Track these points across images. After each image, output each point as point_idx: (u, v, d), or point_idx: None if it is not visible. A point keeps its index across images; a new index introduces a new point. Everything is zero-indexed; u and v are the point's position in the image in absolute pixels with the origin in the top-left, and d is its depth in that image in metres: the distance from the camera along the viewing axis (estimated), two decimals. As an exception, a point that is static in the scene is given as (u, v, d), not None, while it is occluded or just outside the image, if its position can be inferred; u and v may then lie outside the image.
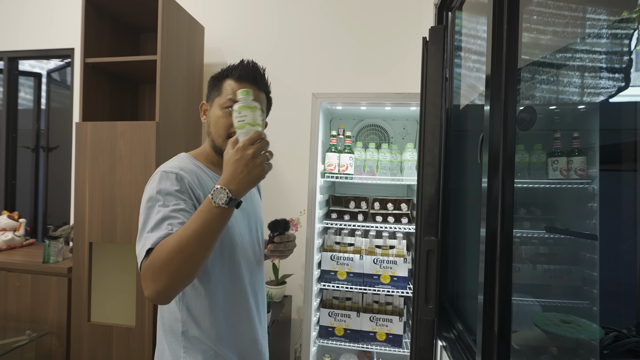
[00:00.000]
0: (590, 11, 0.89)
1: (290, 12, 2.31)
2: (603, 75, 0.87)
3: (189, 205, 0.82)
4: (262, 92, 0.96)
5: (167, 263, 0.70)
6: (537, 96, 1.12)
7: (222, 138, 0.91)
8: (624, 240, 0.86)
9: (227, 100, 0.90)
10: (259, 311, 1.01)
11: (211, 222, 0.71)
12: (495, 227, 0.88)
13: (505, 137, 0.90)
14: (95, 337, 1.84)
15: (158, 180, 0.83)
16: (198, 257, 0.72)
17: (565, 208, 1.19)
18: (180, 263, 0.70)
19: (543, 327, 0.96)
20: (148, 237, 0.75)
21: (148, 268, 0.72)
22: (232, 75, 0.93)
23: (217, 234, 0.73)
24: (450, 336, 1.30)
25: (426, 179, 0.83)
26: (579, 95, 1.01)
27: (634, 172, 0.81)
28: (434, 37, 0.83)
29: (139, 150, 1.78)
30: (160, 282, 0.71)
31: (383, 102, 1.79)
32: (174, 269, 0.70)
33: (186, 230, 0.72)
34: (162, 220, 0.77)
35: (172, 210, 0.78)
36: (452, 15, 1.69)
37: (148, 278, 0.72)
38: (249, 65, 0.93)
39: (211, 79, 0.97)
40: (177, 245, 0.70)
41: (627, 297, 0.84)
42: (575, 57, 0.95)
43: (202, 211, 0.72)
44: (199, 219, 0.72)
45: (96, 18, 1.99)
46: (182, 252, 0.70)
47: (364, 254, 1.91)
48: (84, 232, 1.84)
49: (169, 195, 0.80)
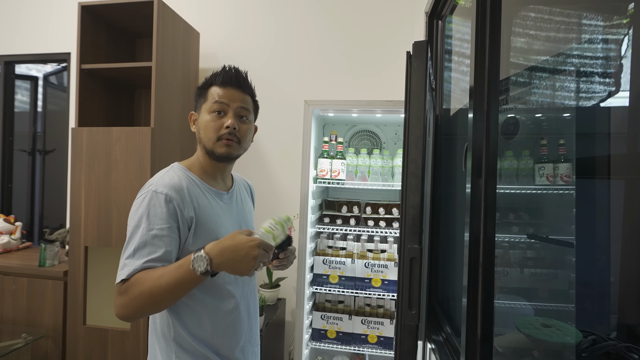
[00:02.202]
0: (580, 17, 0.91)
1: (287, 19, 2.34)
2: (594, 80, 0.89)
3: (173, 230, 0.85)
4: (247, 94, 0.99)
5: (136, 300, 0.79)
6: (523, 104, 1.15)
7: (213, 141, 0.94)
8: (602, 245, 0.89)
9: (213, 103, 0.94)
10: (250, 317, 1.03)
11: (185, 280, 0.79)
12: (479, 233, 0.91)
13: (488, 147, 0.93)
14: (90, 340, 1.86)
15: (148, 201, 0.85)
16: (165, 304, 0.82)
17: (551, 213, 1.23)
18: (148, 304, 0.80)
19: (525, 330, 0.98)
20: (126, 264, 0.82)
21: (121, 294, 0.80)
22: (216, 81, 0.96)
23: (187, 290, 0.81)
24: (439, 339, 1.34)
25: (410, 189, 0.86)
26: (566, 101, 1.04)
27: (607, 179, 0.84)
28: (417, 52, 0.87)
29: (135, 156, 1.80)
30: (128, 310, 0.80)
31: (374, 109, 1.83)
32: (141, 306, 0.80)
33: (160, 279, 0.79)
34: (143, 246, 0.82)
35: (154, 236, 0.83)
36: (442, 24, 1.74)
37: (119, 302, 0.81)
38: (231, 70, 0.97)
39: (197, 89, 1.01)
40: (148, 290, 0.78)
41: (606, 300, 0.87)
42: (564, 63, 0.98)
43: (179, 266, 0.79)
44: (174, 274, 0.79)
45: (92, 24, 2.01)
46: (152, 297, 0.79)
47: (356, 258, 1.94)
48: (80, 236, 1.86)
49: (155, 218, 0.84)
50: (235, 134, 0.94)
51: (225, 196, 1.00)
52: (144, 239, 0.82)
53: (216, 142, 0.93)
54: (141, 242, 0.82)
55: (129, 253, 0.82)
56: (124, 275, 0.80)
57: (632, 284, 0.77)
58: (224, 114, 0.94)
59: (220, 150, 0.93)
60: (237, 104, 0.95)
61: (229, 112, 0.94)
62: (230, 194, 1.03)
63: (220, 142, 0.93)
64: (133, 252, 0.82)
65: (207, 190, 0.96)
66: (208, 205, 0.93)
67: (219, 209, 0.96)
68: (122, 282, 0.81)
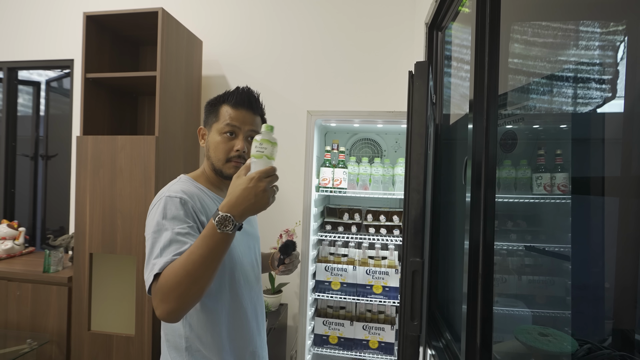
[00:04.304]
0: (577, 24, 0.93)
1: (290, 28, 2.36)
2: (591, 86, 0.90)
3: (194, 229, 0.86)
4: (258, 115, 1.01)
5: (176, 286, 0.75)
6: (522, 112, 1.17)
7: (222, 162, 0.96)
8: (597, 253, 0.92)
9: (225, 125, 0.96)
10: (258, 323, 1.06)
11: (216, 246, 0.76)
12: (478, 241, 0.95)
13: (487, 159, 0.97)
14: (95, 345, 1.88)
15: (163, 205, 0.87)
16: (205, 279, 0.77)
17: (549, 222, 1.26)
18: (188, 285, 0.75)
19: (522, 339, 1.01)
20: (155, 263, 0.80)
21: (157, 291, 0.77)
22: (229, 101, 0.98)
23: (222, 256, 0.78)
24: (439, 345, 1.37)
25: (412, 204, 0.89)
26: (564, 109, 1.06)
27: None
28: (419, 72, 0.90)
29: (139, 164, 1.83)
30: (171, 303, 0.75)
31: (375, 119, 1.86)
32: (183, 291, 0.75)
33: (192, 255, 0.76)
34: (168, 244, 0.81)
35: (177, 234, 0.83)
36: (442, 35, 1.77)
37: (158, 300, 0.77)
38: (244, 91, 0.99)
39: (207, 105, 1.02)
40: (184, 270, 0.75)
41: (602, 306, 0.90)
42: (562, 69, 1.00)
43: (207, 236, 0.76)
44: (204, 243, 0.76)
45: (97, 33, 2.04)
46: (190, 276, 0.75)
47: (357, 265, 1.97)
48: (85, 243, 1.88)
49: (175, 220, 0.85)
50: (244, 157, 0.96)
51: None
52: (168, 239, 0.82)
53: (225, 164, 0.96)
54: (166, 242, 0.81)
55: (157, 253, 0.81)
56: (156, 270, 0.78)
57: (627, 289, 0.80)
58: (235, 136, 0.96)
59: (229, 171, 0.96)
60: (247, 127, 0.97)
61: (239, 135, 0.96)
62: None
63: (230, 164, 0.96)
64: (160, 252, 0.81)
65: (215, 199, 0.99)
66: None
67: None
68: (155, 281, 0.78)
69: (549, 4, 1.08)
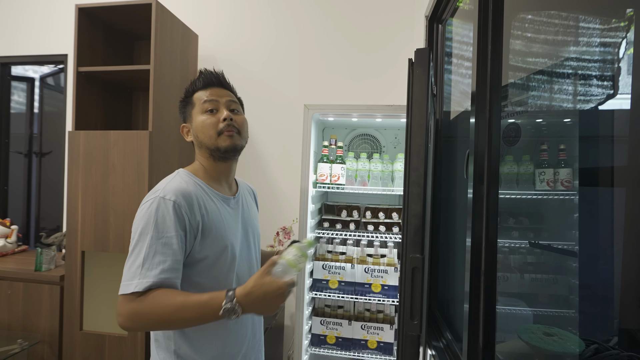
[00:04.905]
0: (579, 20, 0.91)
1: (285, 22, 2.33)
2: (592, 83, 0.89)
3: (181, 238, 0.84)
4: (229, 89, 1.01)
5: (150, 320, 0.78)
6: (524, 107, 1.14)
7: (214, 137, 0.94)
8: (603, 250, 0.88)
9: (203, 103, 0.95)
10: (254, 324, 1.02)
11: (209, 318, 0.79)
12: (481, 239, 0.91)
13: (490, 153, 0.93)
14: (87, 346, 1.84)
15: (156, 207, 0.83)
16: (178, 329, 0.84)
17: (552, 218, 1.22)
18: (160, 325, 0.81)
19: (526, 339, 0.97)
20: (137, 274, 0.79)
21: (131, 311, 0.78)
22: (198, 86, 0.98)
23: (207, 323, 0.81)
24: (440, 345, 1.33)
25: (412, 198, 0.85)
26: (566, 106, 1.03)
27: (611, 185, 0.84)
28: (419, 59, 0.86)
29: (132, 160, 1.79)
30: (135, 324, 0.79)
31: (374, 113, 1.82)
32: (152, 325, 0.80)
33: (182, 311, 0.77)
34: (153, 255, 0.80)
35: (164, 244, 0.81)
36: (442, 28, 1.73)
37: (125, 311, 0.78)
38: (208, 71, 0.99)
39: (180, 102, 1.02)
40: (167, 316, 0.77)
41: (608, 305, 0.87)
42: (564, 66, 0.97)
43: (207, 306, 0.78)
44: (200, 311, 0.78)
45: (89, 26, 1.99)
46: (169, 323, 0.79)
47: (356, 263, 1.93)
48: (77, 241, 1.84)
49: (164, 226, 0.82)
50: (233, 125, 0.95)
51: (232, 201, 1.00)
52: (154, 248, 0.80)
53: (218, 138, 0.94)
54: (150, 250, 0.80)
55: (139, 262, 0.80)
56: (138, 287, 0.78)
57: (635, 287, 0.76)
58: (217, 110, 0.95)
59: (224, 143, 0.93)
60: (225, 98, 0.97)
61: (220, 108, 0.96)
62: (237, 199, 1.02)
63: (222, 136, 0.94)
64: (143, 262, 0.79)
65: (215, 196, 0.95)
66: (216, 211, 0.91)
67: (227, 214, 0.95)
68: (133, 294, 0.78)
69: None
